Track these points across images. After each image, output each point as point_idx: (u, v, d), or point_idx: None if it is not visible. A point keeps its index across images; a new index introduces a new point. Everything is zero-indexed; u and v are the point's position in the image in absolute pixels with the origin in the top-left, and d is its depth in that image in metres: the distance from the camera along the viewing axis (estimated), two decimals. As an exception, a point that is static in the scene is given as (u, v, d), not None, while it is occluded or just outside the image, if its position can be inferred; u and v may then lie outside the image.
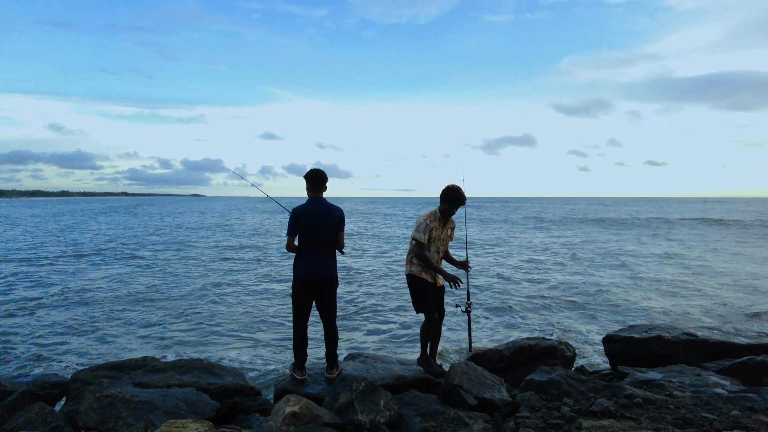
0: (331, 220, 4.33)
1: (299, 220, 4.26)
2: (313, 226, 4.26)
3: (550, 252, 21.62)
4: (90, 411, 3.59)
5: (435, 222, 4.65)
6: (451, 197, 4.57)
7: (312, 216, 4.27)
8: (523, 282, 14.23)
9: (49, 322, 9.49)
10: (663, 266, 17.14)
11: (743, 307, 10.75)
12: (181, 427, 2.92)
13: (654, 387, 4.20)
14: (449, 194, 4.58)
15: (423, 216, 4.68)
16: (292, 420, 3.25)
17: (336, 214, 4.36)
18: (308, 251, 4.31)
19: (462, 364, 4.51)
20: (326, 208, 4.34)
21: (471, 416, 3.53)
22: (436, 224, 4.65)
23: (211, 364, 4.82)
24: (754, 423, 3.21)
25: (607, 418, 3.33)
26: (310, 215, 4.27)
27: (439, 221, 4.68)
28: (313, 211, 4.29)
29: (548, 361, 5.39)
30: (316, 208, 4.31)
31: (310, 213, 4.27)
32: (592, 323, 9.67)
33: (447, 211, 4.63)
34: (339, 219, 4.38)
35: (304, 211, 4.28)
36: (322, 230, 4.29)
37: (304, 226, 4.27)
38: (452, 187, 4.61)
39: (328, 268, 4.36)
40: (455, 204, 4.59)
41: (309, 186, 4.38)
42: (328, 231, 4.31)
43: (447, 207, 4.61)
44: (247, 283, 14.06)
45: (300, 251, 4.34)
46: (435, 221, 4.65)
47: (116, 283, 13.83)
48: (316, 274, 4.31)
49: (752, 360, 4.71)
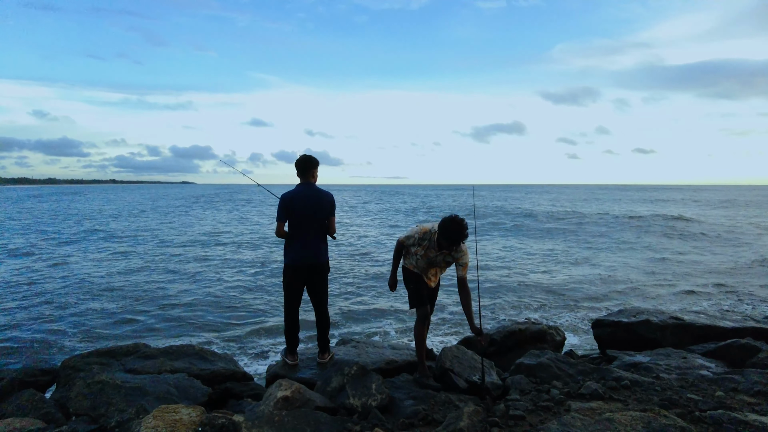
0: (321, 206, 4.30)
1: (288, 206, 4.24)
2: (302, 212, 4.24)
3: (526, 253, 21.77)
4: (81, 397, 3.58)
5: (426, 242, 4.12)
6: (446, 235, 3.89)
7: (301, 201, 4.24)
8: (511, 269, 14.35)
9: (36, 314, 9.42)
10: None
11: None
12: (173, 412, 2.92)
13: (641, 370, 4.27)
14: (443, 231, 3.90)
15: (419, 228, 4.21)
16: (284, 404, 3.26)
17: (326, 199, 4.34)
18: (298, 237, 4.29)
19: (453, 348, 4.55)
20: (315, 194, 4.31)
21: (462, 399, 3.57)
22: (426, 243, 4.12)
23: (202, 349, 4.82)
24: (737, 403, 3.28)
25: (595, 400, 3.38)
26: (299, 200, 4.24)
27: (433, 244, 4.10)
28: (302, 197, 4.26)
29: (538, 345, 5.46)
30: (305, 194, 4.28)
31: (299, 198, 4.25)
32: (578, 311, 9.80)
33: (442, 244, 4.00)
34: (329, 204, 4.36)
35: (292, 196, 4.26)
36: (312, 216, 4.27)
37: (293, 211, 4.24)
38: (449, 222, 3.88)
39: (318, 254, 4.35)
40: (450, 242, 3.91)
41: (297, 172, 4.37)
42: (317, 216, 4.29)
43: (443, 243, 3.97)
44: (238, 269, 14.03)
45: (290, 237, 4.33)
46: (426, 240, 4.12)
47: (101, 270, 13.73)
48: (306, 259, 4.30)
49: (736, 343, 4.81)
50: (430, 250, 4.12)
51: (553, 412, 3.21)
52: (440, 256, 4.13)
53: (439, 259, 4.15)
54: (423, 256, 4.16)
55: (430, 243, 4.11)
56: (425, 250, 4.14)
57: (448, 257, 4.13)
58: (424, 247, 4.14)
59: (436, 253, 4.11)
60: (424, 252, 4.15)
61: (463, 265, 4.06)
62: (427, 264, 4.19)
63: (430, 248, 4.12)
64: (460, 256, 4.05)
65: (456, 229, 3.84)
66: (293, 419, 3.03)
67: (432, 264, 4.20)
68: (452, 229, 3.85)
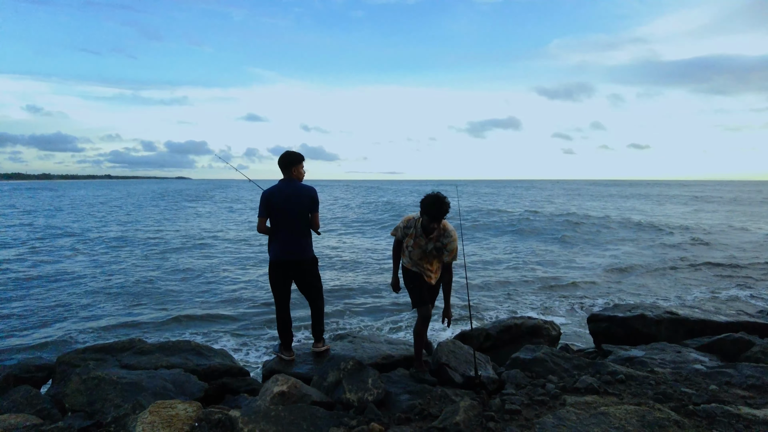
0: (301, 202, 4.27)
1: (267, 202, 4.22)
2: (281, 208, 4.21)
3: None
4: (77, 393, 3.57)
5: (411, 229, 4.13)
6: (426, 211, 3.89)
7: (280, 198, 4.21)
8: (502, 264, 14.39)
9: (29, 311, 9.37)
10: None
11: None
12: (169, 408, 2.92)
13: (636, 364, 4.29)
14: (424, 208, 3.89)
15: (404, 218, 4.27)
16: (281, 399, 3.26)
17: (306, 194, 4.29)
18: (279, 233, 4.27)
19: (449, 343, 4.56)
20: (296, 190, 4.27)
21: (458, 393, 3.58)
22: (412, 231, 4.12)
23: (198, 345, 4.81)
24: (730, 396, 3.31)
25: (590, 394, 3.40)
26: (278, 197, 4.22)
27: (419, 231, 4.09)
28: (281, 193, 4.23)
29: (533, 340, 5.48)
30: (284, 190, 4.25)
31: (278, 195, 4.22)
32: (573, 306, 9.84)
33: (426, 225, 3.99)
34: (310, 200, 4.32)
35: (271, 193, 4.24)
36: (292, 212, 4.24)
37: (273, 208, 4.22)
38: (429, 198, 3.88)
39: (300, 250, 4.32)
40: (432, 217, 3.89)
41: (280, 169, 4.34)
42: (298, 212, 4.26)
43: (425, 221, 3.96)
44: (234, 264, 14.00)
45: (272, 233, 4.32)
46: (411, 228, 4.13)
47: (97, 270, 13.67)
48: (288, 255, 4.29)
49: (730, 337, 4.84)
50: (418, 239, 4.10)
51: (548, 406, 3.22)
52: (430, 244, 4.09)
53: (430, 247, 4.10)
54: (414, 246, 4.14)
55: (416, 230, 4.09)
56: (414, 239, 4.12)
57: (438, 243, 4.08)
58: (412, 236, 4.13)
59: (425, 240, 4.07)
60: (413, 242, 4.13)
61: (451, 251, 4.04)
62: (420, 256, 4.16)
63: (418, 236, 4.09)
64: (448, 241, 4.02)
65: (435, 203, 3.82)
66: (290, 414, 3.03)
67: (425, 255, 4.15)
68: (431, 203, 3.82)
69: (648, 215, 31.95)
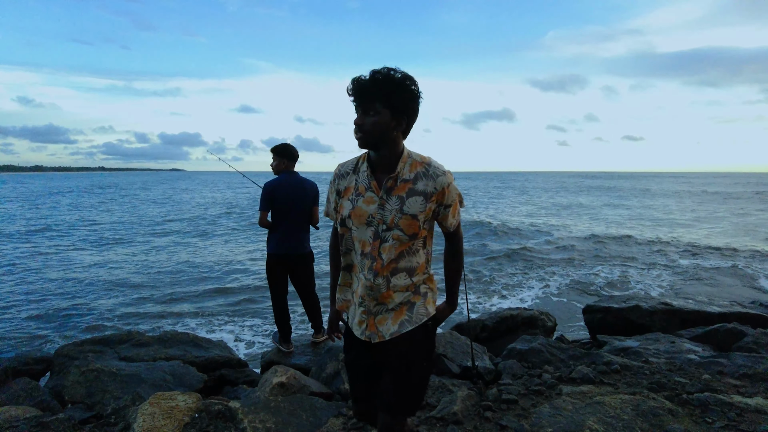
0: (305, 195, 4.25)
1: (272, 195, 4.17)
2: (285, 201, 4.18)
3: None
4: (76, 385, 3.58)
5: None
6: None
7: (285, 190, 4.18)
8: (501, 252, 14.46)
9: (26, 303, 9.35)
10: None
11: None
12: (169, 399, 2.94)
13: (631, 354, 4.35)
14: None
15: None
16: (280, 390, 3.29)
17: (309, 188, 4.28)
18: (280, 226, 4.23)
19: (446, 334, 4.60)
20: (300, 182, 4.25)
21: (455, 384, 3.62)
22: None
23: (196, 337, 4.83)
24: (723, 386, 3.36)
25: (586, 384, 3.45)
26: (283, 189, 4.18)
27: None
28: (286, 185, 4.19)
29: (529, 331, 5.53)
30: (289, 182, 4.22)
31: (283, 187, 4.18)
32: (570, 297, 9.92)
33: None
34: (313, 193, 4.30)
35: (275, 185, 4.19)
36: (295, 205, 4.21)
37: (276, 200, 4.18)
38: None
39: (299, 244, 4.31)
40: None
41: (283, 160, 4.27)
42: (301, 206, 4.23)
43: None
44: (231, 256, 13.99)
45: (273, 226, 4.28)
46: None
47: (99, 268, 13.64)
48: (288, 249, 4.27)
49: (723, 327, 4.90)
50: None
51: (544, 395, 3.27)
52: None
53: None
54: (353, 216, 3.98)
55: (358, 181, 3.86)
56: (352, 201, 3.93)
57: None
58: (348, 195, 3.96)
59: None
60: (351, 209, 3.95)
61: (451, 206, 1.97)
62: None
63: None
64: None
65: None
66: (289, 404, 3.06)
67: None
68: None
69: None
